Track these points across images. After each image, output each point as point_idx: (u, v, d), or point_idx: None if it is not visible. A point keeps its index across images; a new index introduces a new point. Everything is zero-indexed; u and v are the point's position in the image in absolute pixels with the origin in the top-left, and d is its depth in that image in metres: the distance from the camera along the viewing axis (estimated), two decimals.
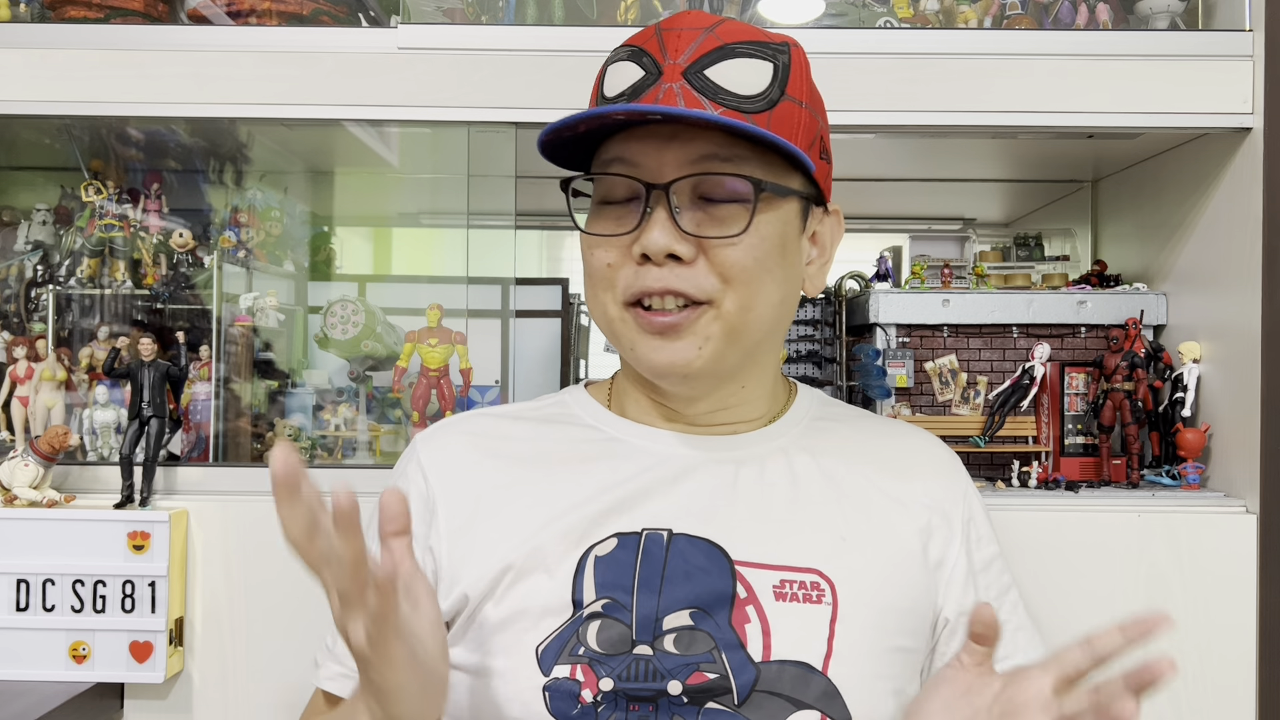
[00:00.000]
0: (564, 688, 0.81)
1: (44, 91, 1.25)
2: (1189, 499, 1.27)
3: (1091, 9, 1.39)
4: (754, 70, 0.84)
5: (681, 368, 0.85)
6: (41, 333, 1.41)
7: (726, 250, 0.84)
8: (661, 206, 0.83)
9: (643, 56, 0.84)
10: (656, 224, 0.82)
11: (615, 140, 0.86)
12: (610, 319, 0.88)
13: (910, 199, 1.93)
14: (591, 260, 0.88)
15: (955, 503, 0.95)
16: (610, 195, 0.87)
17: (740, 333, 0.86)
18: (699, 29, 0.84)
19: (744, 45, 0.84)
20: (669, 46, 0.84)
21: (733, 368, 0.90)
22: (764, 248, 0.85)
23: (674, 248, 0.82)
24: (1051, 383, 1.40)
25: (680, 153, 0.83)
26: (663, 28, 0.86)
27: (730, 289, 0.84)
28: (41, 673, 1.17)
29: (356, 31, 1.32)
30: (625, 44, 0.88)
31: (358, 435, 1.45)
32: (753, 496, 0.89)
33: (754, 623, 0.83)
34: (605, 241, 0.86)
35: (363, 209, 1.82)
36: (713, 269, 0.84)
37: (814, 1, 1.43)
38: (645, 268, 0.84)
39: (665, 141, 0.83)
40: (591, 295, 0.90)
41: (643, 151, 0.84)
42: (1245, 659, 1.22)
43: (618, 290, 0.86)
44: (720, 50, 0.83)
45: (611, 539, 0.85)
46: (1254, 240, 1.24)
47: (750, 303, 0.85)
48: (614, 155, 0.86)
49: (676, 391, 0.91)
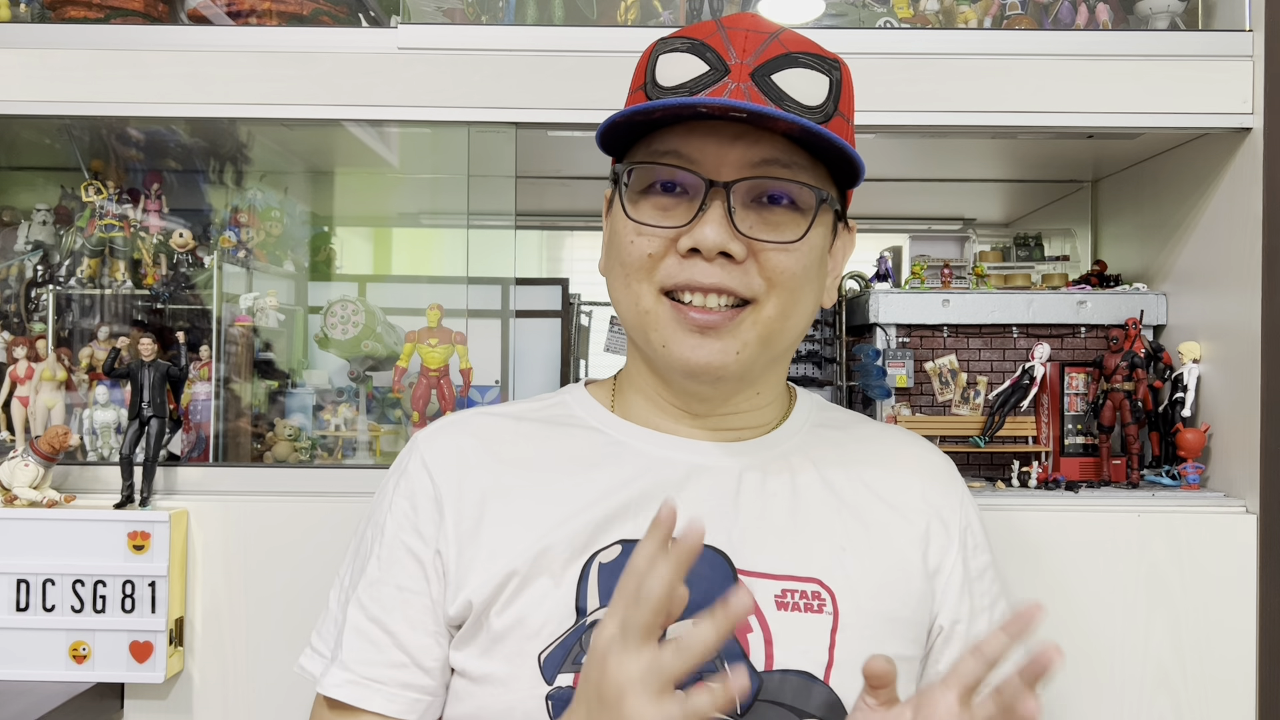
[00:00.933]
0: (567, 696, 0.80)
1: (44, 91, 1.25)
2: (1189, 499, 1.27)
3: (1091, 9, 1.39)
4: (815, 82, 0.84)
5: (717, 369, 0.85)
6: (41, 333, 1.41)
7: (779, 256, 0.84)
8: (719, 203, 0.83)
9: (706, 51, 0.84)
10: (712, 220, 0.82)
11: (673, 132, 0.85)
12: (643, 310, 0.86)
13: (910, 199, 1.93)
14: (629, 249, 0.86)
15: (953, 510, 0.95)
16: (656, 186, 0.86)
17: (775, 339, 0.87)
18: (764, 33, 0.85)
19: (806, 56, 0.84)
20: (735, 45, 0.83)
21: (758, 373, 0.90)
22: (811, 257, 0.86)
23: (728, 245, 0.82)
24: (1051, 383, 1.40)
25: (744, 153, 0.83)
26: (725, 25, 0.85)
27: (773, 294, 0.85)
28: (41, 673, 1.17)
29: (356, 31, 1.32)
30: (678, 35, 0.86)
31: (358, 435, 1.45)
32: (755, 504, 0.89)
33: (756, 632, 0.83)
34: (650, 231, 0.85)
35: (363, 209, 1.82)
36: (761, 272, 0.84)
37: (814, 1, 1.43)
38: (692, 262, 0.83)
39: (729, 140, 0.83)
40: (623, 285, 0.88)
41: (703, 147, 0.84)
42: (1245, 659, 1.22)
43: (655, 280, 0.85)
44: (785, 58, 0.83)
45: (616, 545, 0.85)
46: (1254, 240, 1.23)
47: (790, 310, 0.86)
48: (670, 147, 0.85)
49: (700, 392, 0.90)
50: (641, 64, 0.89)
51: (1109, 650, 1.22)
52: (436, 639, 0.87)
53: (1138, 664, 1.22)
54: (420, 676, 0.86)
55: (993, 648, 0.72)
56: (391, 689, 0.86)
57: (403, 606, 0.87)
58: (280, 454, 1.42)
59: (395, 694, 0.86)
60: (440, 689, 0.88)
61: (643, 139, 0.88)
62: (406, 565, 0.88)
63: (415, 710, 0.87)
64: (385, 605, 0.88)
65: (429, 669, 0.87)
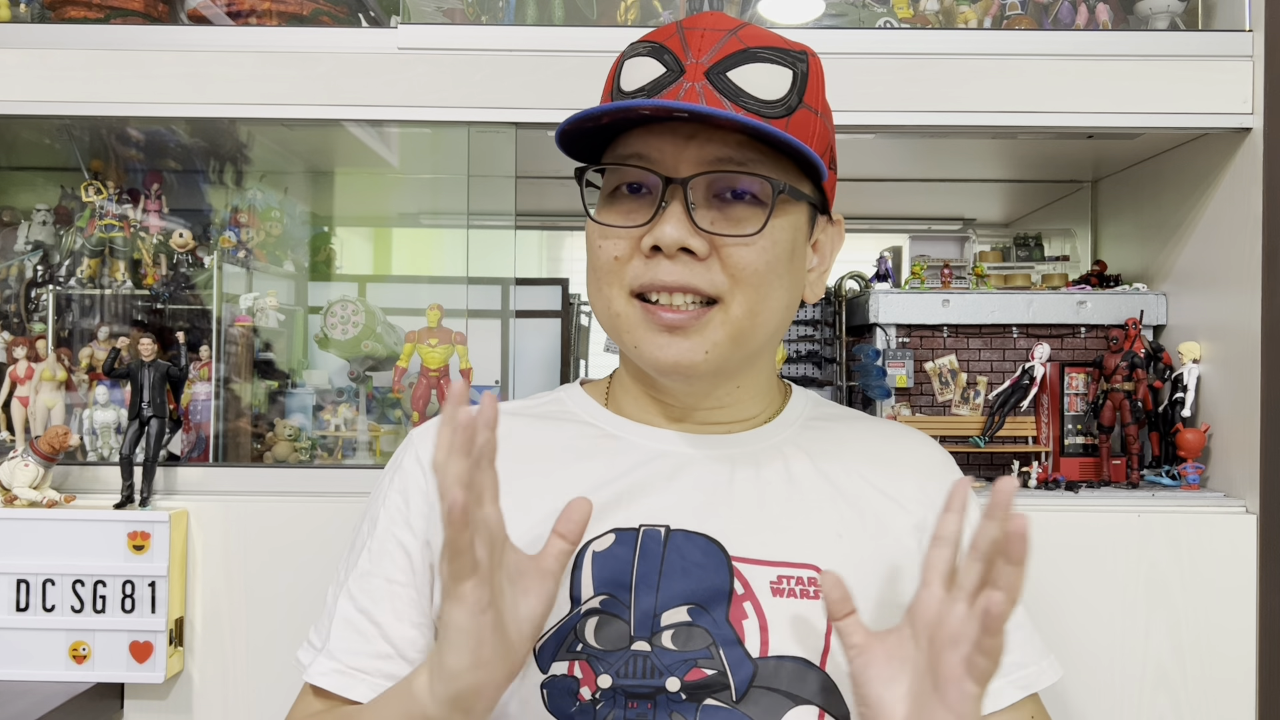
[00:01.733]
0: (562, 685, 0.81)
1: (44, 91, 1.25)
2: (1189, 499, 1.27)
3: (1091, 9, 1.39)
4: (774, 76, 0.84)
5: (687, 368, 0.86)
6: (41, 333, 1.41)
7: (740, 250, 0.84)
8: (677, 200, 0.83)
9: (664, 53, 0.85)
10: (671, 217, 0.83)
11: (634, 135, 0.86)
12: (614, 314, 0.88)
13: (910, 199, 1.93)
14: (598, 253, 0.88)
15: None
16: (622, 189, 0.87)
17: (746, 337, 0.87)
18: (722, 30, 0.85)
19: (765, 50, 0.85)
20: (691, 45, 0.84)
21: (733, 369, 0.90)
22: (775, 251, 0.86)
23: (688, 241, 0.82)
24: (1051, 383, 1.40)
25: (699, 151, 0.84)
26: (685, 26, 0.86)
27: (739, 290, 0.85)
28: (41, 673, 1.18)
29: (356, 32, 1.32)
30: (644, 39, 0.88)
31: (358, 435, 1.45)
32: (749, 493, 0.89)
33: (751, 618, 0.83)
34: (615, 233, 0.86)
35: (363, 209, 1.82)
36: (724, 269, 0.84)
37: (814, 1, 1.43)
38: (656, 261, 0.84)
39: (685, 140, 0.84)
40: (595, 290, 0.90)
41: (660, 148, 0.84)
42: (1245, 659, 1.22)
43: (624, 283, 0.86)
44: (743, 53, 0.84)
45: (609, 534, 0.86)
46: (1254, 240, 1.24)
47: (758, 307, 0.86)
48: (632, 150, 0.86)
49: (675, 389, 0.91)
50: (612, 70, 0.90)
51: (1109, 650, 1.22)
52: (421, 631, 0.88)
53: (1138, 664, 1.22)
54: (405, 668, 0.87)
55: (948, 528, 0.76)
56: (376, 679, 0.86)
57: (390, 599, 0.88)
58: (280, 454, 1.42)
59: (379, 684, 0.86)
60: None
61: (609, 145, 0.89)
62: (396, 558, 0.89)
63: None
64: (374, 597, 0.88)
65: (413, 660, 0.87)
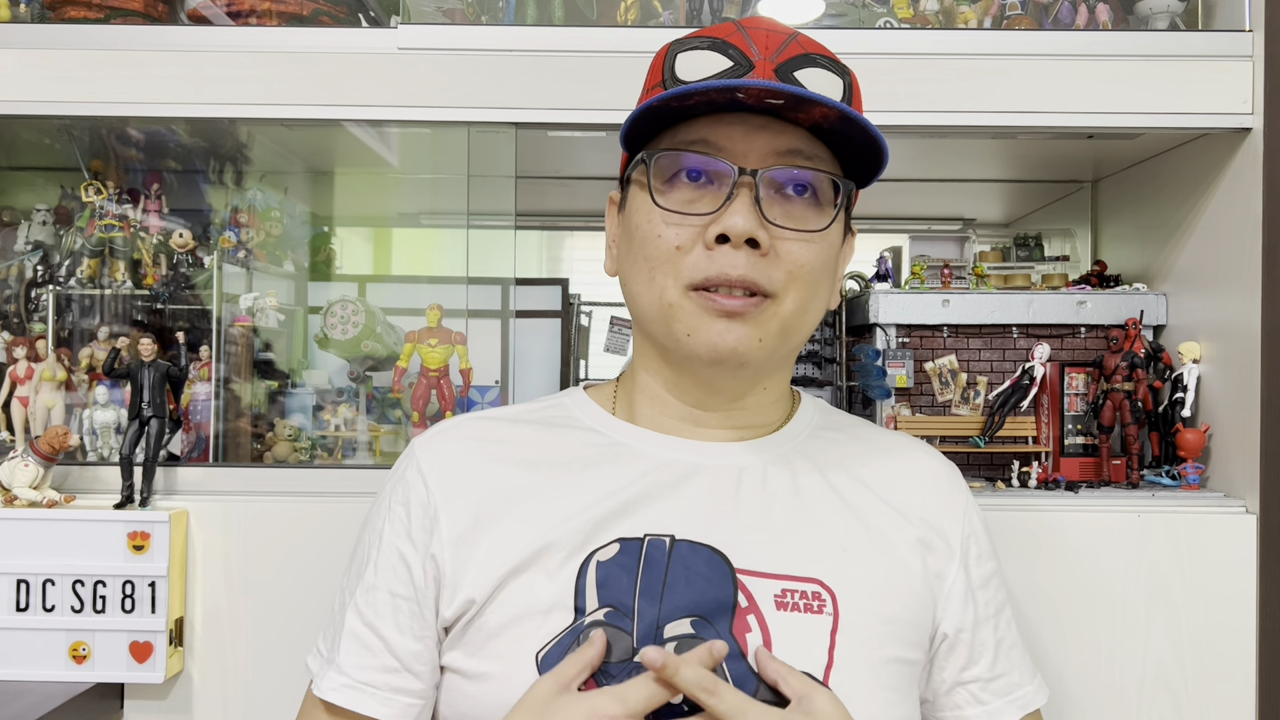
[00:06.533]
0: None
1: (44, 92, 1.25)
2: (1189, 499, 1.27)
3: (1091, 9, 1.39)
4: (831, 83, 0.85)
5: (743, 354, 0.85)
6: (41, 333, 1.41)
7: (799, 247, 0.85)
8: (747, 191, 0.83)
9: (728, 49, 0.85)
10: (741, 207, 0.83)
11: (699, 122, 0.86)
12: (667, 304, 0.86)
13: (910, 199, 1.93)
14: (657, 242, 0.86)
15: (955, 519, 0.94)
16: (682, 176, 0.86)
17: (791, 333, 0.88)
18: (783, 33, 0.86)
19: (822, 58, 0.86)
20: (757, 42, 0.85)
21: (772, 366, 0.91)
22: (829, 253, 0.87)
23: (756, 233, 0.82)
24: (1051, 383, 1.40)
25: (770, 142, 0.84)
26: (745, 25, 0.87)
27: (792, 288, 0.85)
28: (41, 673, 1.18)
29: (356, 32, 1.32)
30: (696, 35, 0.87)
31: (358, 435, 1.45)
32: (755, 504, 0.89)
33: (755, 632, 0.83)
34: (679, 221, 0.85)
35: (363, 209, 1.82)
36: (781, 265, 0.85)
37: (814, 1, 1.43)
38: (718, 252, 0.84)
39: (755, 129, 0.84)
40: (645, 278, 0.87)
41: (730, 135, 0.84)
42: (1245, 659, 1.22)
43: (683, 274, 0.85)
44: (804, 57, 0.85)
45: (614, 544, 0.85)
46: (1254, 240, 1.24)
47: (806, 305, 0.87)
48: (699, 136, 0.85)
49: (717, 381, 0.90)
50: (657, 63, 0.89)
51: (1109, 650, 1.22)
52: (425, 644, 0.88)
53: (1138, 664, 1.22)
54: (412, 681, 0.87)
55: None
56: (385, 693, 0.87)
57: (394, 613, 0.88)
58: (280, 454, 1.42)
59: (389, 698, 0.87)
60: (430, 692, 0.89)
61: (665, 132, 0.88)
62: (399, 571, 0.89)
63: (408, 714, 0.88)
64: (379, 611, 0.88)
65: (419, 673, 0.88)
